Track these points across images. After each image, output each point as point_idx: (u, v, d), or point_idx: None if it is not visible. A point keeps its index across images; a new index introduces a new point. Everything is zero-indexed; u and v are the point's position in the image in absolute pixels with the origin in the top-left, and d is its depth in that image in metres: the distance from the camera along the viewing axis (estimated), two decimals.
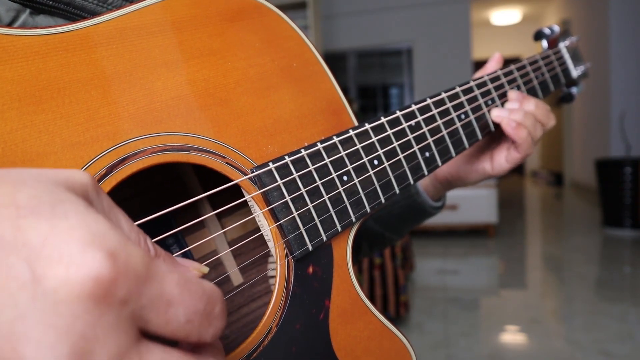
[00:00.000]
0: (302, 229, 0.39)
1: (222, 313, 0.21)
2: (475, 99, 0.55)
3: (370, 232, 0.69)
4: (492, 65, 0.63)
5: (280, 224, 0.38)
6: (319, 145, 0.41)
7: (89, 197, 0.20)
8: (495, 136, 0.61)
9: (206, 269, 0.27)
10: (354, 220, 0.42)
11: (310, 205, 0.40)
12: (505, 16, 7.87)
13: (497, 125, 0.57)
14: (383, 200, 0.45)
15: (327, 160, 0.41)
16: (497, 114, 0.56)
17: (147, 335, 0.18)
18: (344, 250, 0.43)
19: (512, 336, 2.29)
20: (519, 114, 0.56)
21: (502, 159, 0.59)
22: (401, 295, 2.38)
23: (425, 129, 0.49)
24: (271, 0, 0.43)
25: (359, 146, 0.44)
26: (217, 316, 0.20)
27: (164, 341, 0.19)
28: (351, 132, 0.43)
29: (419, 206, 0.66)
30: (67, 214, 0.17)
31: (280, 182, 0.38)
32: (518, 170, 9.58)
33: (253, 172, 0.38)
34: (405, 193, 0.65)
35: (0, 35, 0.29)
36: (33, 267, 0.16)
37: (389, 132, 0.46)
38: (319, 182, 0.40)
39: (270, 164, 0.38)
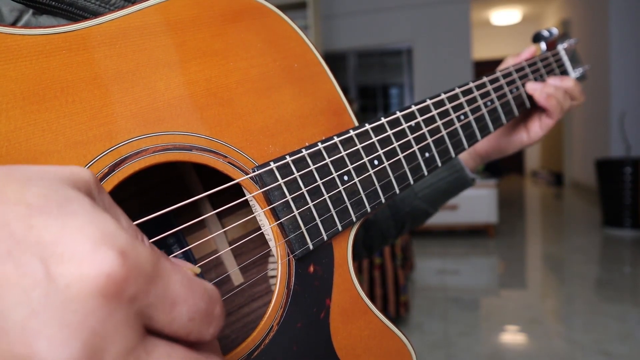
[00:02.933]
0: (303, 229, 0.39)
1: (222, 313, 0.21)
2: (474, 100, 0.55)
3: (417, 211, 0.71)
4: (525, 55, 0.69)
5: (281, 223, 0.38)
6: (320, 145, 0.41)
7: (92, 194, 0.20)
8: (527, 111, 0.68)
9: (198, 269, 0.27)
10: (354, 219, 0.43)
11: (311, 205, 0.40)
12: (505, 16, 7.87)
13: (530, 99, 0.64)
14: (383, 200, 0.45)
15: (327, 160, 0.41)
16: (531, 87, 0.63)
17: (151, 332, 0.19)
18: (345, 250, 0.43)
19: (512, 336, 2.29)
20: (550, 87, 0.64)
21: (536, 127, 0.67)
22: (401, 295, 2.38)
23: (425, 130, 0.49)
24: (271, 0, 0.44)
25: (359, 146, 0.44)
26: (217, 316, 0.21)
27: (166, 338, 0.19)
28: (352, 132, 0.44)
29: (463, 180, 0.70)
30: (75, 213, 0.17)
31: (281, 181, 0.39)
32: (518, 170, 9.58)
33: (254, 171, 0.38)
34: (452, 169, 0.70)
35: (4, 35, 0.29)
36: (46, 264, 0.16)
37: (389, 132, 0.46)
38: (319, 182, 0.41)
39: (272, 163, 0.38)
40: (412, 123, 0.48)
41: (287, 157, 0.39)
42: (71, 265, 0.16)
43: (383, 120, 0.46)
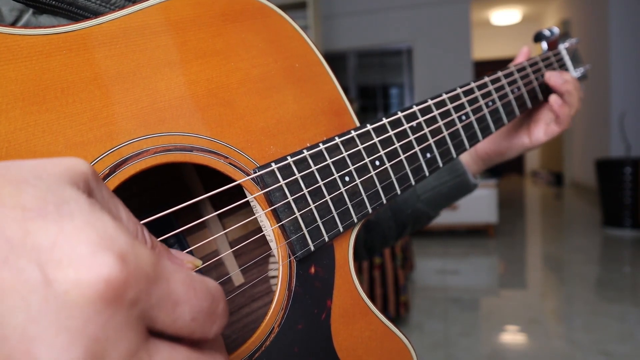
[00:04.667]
0: (304, 230, 0.39)
1: (225, 311, 0.21)
2: (476, 100, 0.55)
3: (418, 213, 0.71)
4: (520, 59, 0.68)
5: (282, 224, 0.38)
6: (321, 146, 0.41)
7: (90, 186, 0.20)
8: (531, 112, 0.67)
9: (200, 262, 0.27)
10: (355, 221, 0.43)
11: (312, 206, 0.40)
12: (505, 16, 7.87)
13: (532, 99, 0.63)
14: (385, 201, 0.45)
15: (329, 161, 0.41)
16: (555, 80, 0.63)
17: (153, 333, 0.18)
18: (346, 251, 0.43)
19: (512, 336, 2.29)
20: (571, 85, 0.63)
21: (540, 133, 0.66)
22: (401, 295, 2.38)
23: (426, 130, 0.49)
24: (271, 0, 0.43)
25: (360, 147, 0.44)
26: (220, 314, 0.21)
27: (168, 338, 0.19)
28: (353, 133, 0.43)
29: (465, 184, 0.70)
30: (73, 214, 0.17)
31: (282, 182, 0.38)
32: (518, 170, 9.58)
33: (255, 172, 0.38)
34: (454, 173, 0.69)
35: (4, 35, 0.29)
36: (44, 270, 0.16)
37: (391, 133, 0.46)
38: (321, 183, 0.40)
39: (273, 164, 0.38)
40: (414, 123, 0.48)
41: (289, 157, 0.39)
42: (69, 271, 0.16)
43: (384, 120, 0.46)
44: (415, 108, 0.48)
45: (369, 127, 0.45)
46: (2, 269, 0.15)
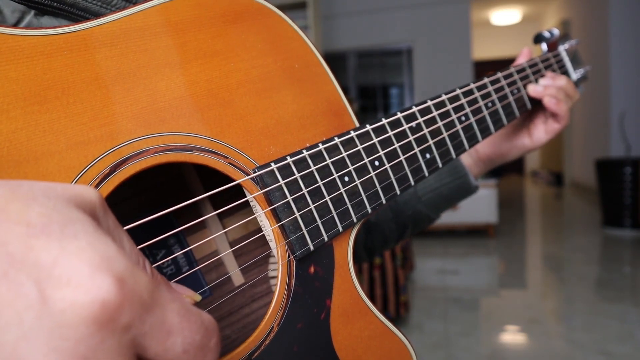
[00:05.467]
0: (304, 229, 0.39)
1: (217, 346, 0.21)
2: (475, 101, 0.55)
3: (419, 215, 0.71)
4: (521, 60, 0.68)
5: (282, 224, 0.38)
6: (321, 146, 0.41)
7: (96, 215, 0.20)
8: (529, 113, 0.67)
9: (199, 297, 0.27)
10: (355, 220, 0.43)
11: (311, 206, 0.40)
12: (505, 16, 7.87)
13: (531, 100, 0.63)
14: (384, 201, 0.45)
15: (328, 161, 0.41)
16: (534, 89, 0.62)
17: None
18: (345, 251, 0.43)
19: (512, 336, 2.29)
20: (553, 89, 0.62)
21: (540, 132, 0.65)
22: (401, 295, 2.38)
23: (426, 131, 0.49)
24: (271, 0, 0.44)
25: (360, 147, 0.44)
26: (212, 349, 0.21)
27: None
28: (352, 133, 0.44)
29: (467, 186, 0.69)
30: (76, 235, 0.17)
31: (282, 182, 0.39)
32: (518, 170, 9.58)
33: (255, 172, 0.38)
34: (455, 175, 0.69)
35: (6, 36, 0.29)
36: (42, 287, 0.16)
37: (390, 133, 0.46)
38: (320, 183, 0.41)
39: (272, 164, 0.38)
40: (413, 124, 0.48)
41: (288, 157, 0.39)
42: (67, 290, 0.16)
43: (384, 121, 0.46)
44: (414, 109, 0.48)
45: (368, 127, 0.45)
46: (0, 283, 0.15)
